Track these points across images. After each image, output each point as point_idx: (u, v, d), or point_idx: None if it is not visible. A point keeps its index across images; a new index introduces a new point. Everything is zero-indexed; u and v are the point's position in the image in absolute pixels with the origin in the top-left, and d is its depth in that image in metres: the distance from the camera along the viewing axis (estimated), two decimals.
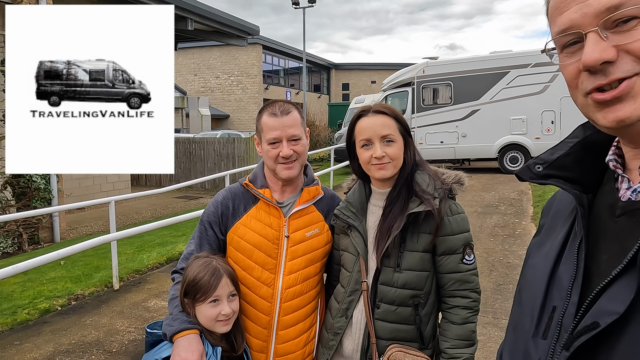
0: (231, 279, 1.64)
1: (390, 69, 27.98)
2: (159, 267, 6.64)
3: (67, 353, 4.16)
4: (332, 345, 1.72)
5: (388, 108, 1.69)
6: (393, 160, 1.62)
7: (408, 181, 1.65)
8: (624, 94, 0.65)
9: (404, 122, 1.68)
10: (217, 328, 1.59)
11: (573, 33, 0.69)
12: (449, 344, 1.59)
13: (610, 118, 0.67)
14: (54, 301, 5.31)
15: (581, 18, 0.67)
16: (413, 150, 1.70)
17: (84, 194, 10.29)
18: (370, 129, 1.63)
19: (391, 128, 1.63)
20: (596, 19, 0.66)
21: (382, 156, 1.60)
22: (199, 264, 1.63)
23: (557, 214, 0.87)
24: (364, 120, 1.67)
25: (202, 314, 1.59)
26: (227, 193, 1.86)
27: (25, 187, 8.34)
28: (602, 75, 0.66)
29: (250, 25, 14.96)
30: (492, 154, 13.77)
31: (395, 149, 1.62)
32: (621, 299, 0.62)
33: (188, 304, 1.62)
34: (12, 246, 8.05)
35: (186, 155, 15.79)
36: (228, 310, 1.58)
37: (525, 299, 0.82)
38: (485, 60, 13.69)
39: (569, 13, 0.68)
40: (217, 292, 1.58)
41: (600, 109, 0.68)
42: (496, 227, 7.88)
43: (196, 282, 1.58)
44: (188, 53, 32.13)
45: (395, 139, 1.63)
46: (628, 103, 0.65)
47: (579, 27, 0.67)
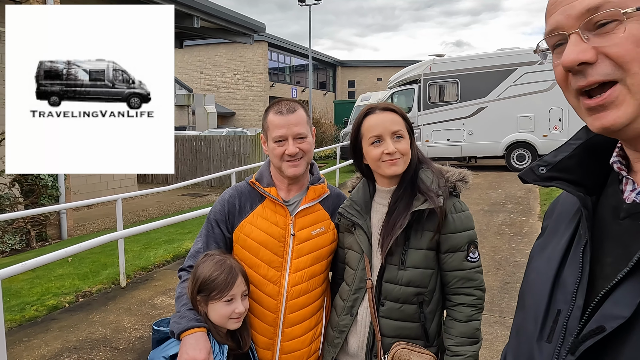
0: (244, 278, 1.66)
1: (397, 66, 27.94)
2: (166, 265, 6.68)
3: (75, 350, 4.20)
4: (338, 343, 1.72)
5: (394, 106, 1.72)
6: (404, 156, 1.63)
7: (412, 179, 1.65)
8: (607, 103, 0.66)
9: (409, 120, 1.71)
10: (229, 325, 1.62)
11: (559, 34, 0.70)
12: (453, 342, 1.60)
13: (597, 125, 0.69)
14: (62, 298, 5.36)
15: (565, 20, 0.69)
16: (416, 147, 1.72)
17: (91, 192, 10.35)
18: (380, 125, 1.64)
19: (400, 124, 1.66)
20: (578, 21, 0.67)
21: (394, 151, 1.61)
22: (214, 262, 1.64)
23: (561, 216, 0.86)
24: (372, 117, 1.67)
25: (215, 311, 1.61)
26: (234, 191, 1.87)
27: (33, 184, 8.41)
28: (582, 76, 0.68)
29: (256, 22, 14.97)
30: (499, 151, 13.70)
31: (405, 145, 1.64)
32: (627, 303, 0.62)
33: (200, 301, 1.63)
34: (20, 243, 8.12)
35: (192, 152, 15.84)
36: (242, 309, 1.61)
37: (528, 302, 0.82)
38: (492, 57, 13.62)
39: (555, 15, 0.70)
40: (233, 291, 1.60)
41: (589, 114, 0.69)
42: (503, 225, 7.85)
43: (212, 280, 1.60)
44: (194, 50, 32.20)
45: (404, 135, 1.65)
46: (612, 111, 0.66)
47: (563, 28, 0.69)
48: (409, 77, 15.01)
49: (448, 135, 14.09)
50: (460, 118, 13.90)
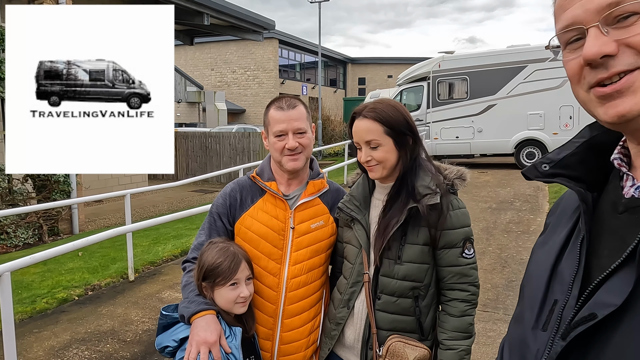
0: (248, 263, 1.71)
1: (407, 63, 27.79)
2: (174, 260, 6.75)
3: (83, 341, 4.28)
4: (334, 335, 1.75)
5: (374, 110, 1.65)
6: (380, 163, 1.64)
7: (410, 176, 1.67)
8: (624, 88, 0.66)
9: (395, 123, 1.64)
10: (236, 309, 1.67)
11: (576, 29, 0.70)
12: (446, 336, 1.62)
13: (611, 113, 0.68)
14: (72, 291, 5.45)
15: (583, 14, 0.69)
16: (413, 147, 1.68)
17: (103, 187, 10.48)
18: (356, 134, 1.68)
19: (375, 133, 1.63)
20: (597, 15, 0.67)
21: (368, 160, 1.65)
22: (218, 250, 1.69)
23: (562, 213, 0.88)
24: (355, 122, 1.70)
25: (221, 296, 1.66)
26: (235, 185, 1.91)
27: (45, 180, 8.54)
28: (604, 69, 0.67)
29: (266, 19, 14.98)
30: (508, 149, 13.61)
31: (380, 152, 1.63)
32: (619, 292, 0.64)
33: (206, 287, 1.68)
34: (32, 237, 8.26)
35: (202, 149, 15.94)
36: (246, 293, 1.66)
37: (526, 293, 0.84)
38: (502, 54, 13.52)
39: (572, 9, 0.70)
40: (237, 276, 1.65)
41: (602, 104, 0.69)
42: (510, 223, 7.82)
43: (217, 267, 1.65)
44: (205, 48, 32.33)
45: (380, 143, 1.63)
46: (628, 97, 0.66)
47: (581, 22, 0.69)
48: (418, 75, 14.95)
49: (457, 132, 14.03)
50: (470, 115, 13.83)
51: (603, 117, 0.70)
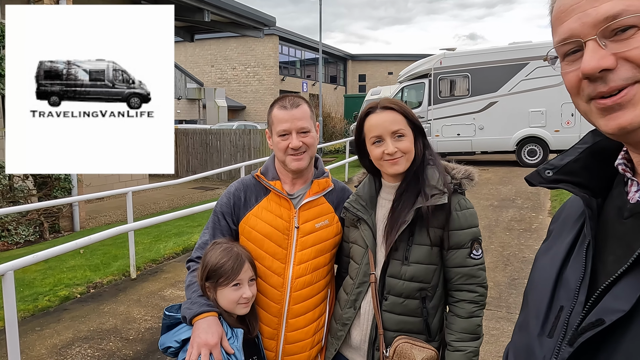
0: (251, 264, 1.70)
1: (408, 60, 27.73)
2: (175, 257, 6.75)
3: (86, 339, 4.27)
4: (341, 335, 1.74)
5: (395, 103, 1.69)
6: (405, 154, 1.63)
7: (417, 175, 1.66)
8: (624, 101, 0.66)
9: (412, 116, 1.69)
10: (238, 310, 1.66)
11: (573, 42, 0.70)
12: (454, 337, 1.61)
13: (612, 125, 0.68)
14: (74, 289, 5.45)
15: (580, 27, 0.68)
16: (423, 143, 1.70)
17: (104, 185, 10.47)
18: (380, 125, 1.64)
19: (400, 123, 1.64)
20: (595, 28, 0.66)
21: (394, 152, 1.62)
22: (221, 250, 1.69)
23: (566, 220, 0.87)
24: (372, 117, 1.67)
25: (224, 297, 1.65)
26: (239, 184, 1.90)
27: (46, 177, 8.53)
28: (603, 82, 0.67)
29: (267, 16, 14.95)
30: (509, 146, 13.58)
31: (406, 143, 1.64)
32: (626, 297, 0.63)
33: (209, 287, 1.68)
34: (33, 234, 8.26)
35: (202, 146, 15.93)
36: (249, 294, 1.66)
37: (531, 300, 0.83)
38: (503, 51, 13.47)
39: (569, 22, 0.69)
40: (240, 277, 1.65)
41: (603, 116, 0.69)
42: (512, 221, 7.81)
43: (220, 267, 1.64)
44: (205, 44, 32.27)
45: (405, 133, 1.64)
46: (629, 110, 0.66)
47: (578, 36, 0.68)
48: (420, 71, 14.91)
49: (458, 129, 13.99)
50: (471, 113, 13.79)
51: (604, 129, 0.70)
